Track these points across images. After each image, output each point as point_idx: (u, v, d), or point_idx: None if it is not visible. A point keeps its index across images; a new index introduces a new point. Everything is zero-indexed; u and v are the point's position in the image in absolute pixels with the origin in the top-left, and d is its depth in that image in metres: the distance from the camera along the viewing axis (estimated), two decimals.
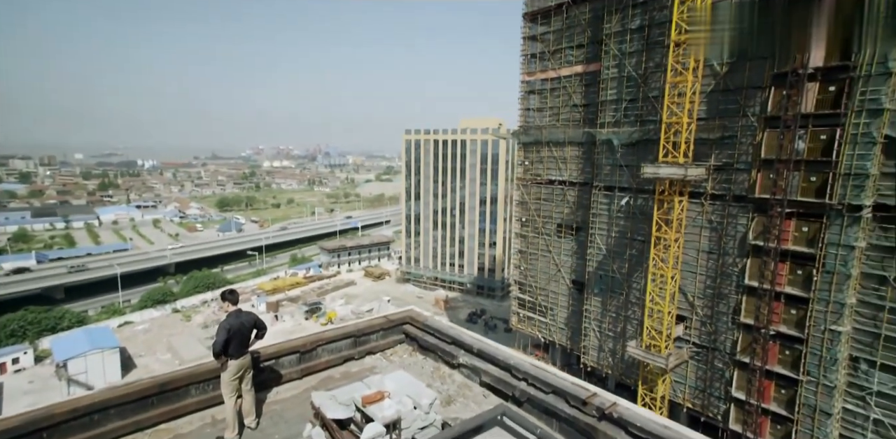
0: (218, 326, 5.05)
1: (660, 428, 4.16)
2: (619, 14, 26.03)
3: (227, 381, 5.01)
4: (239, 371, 5.09)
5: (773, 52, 20.67)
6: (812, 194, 21.28)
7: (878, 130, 19.14)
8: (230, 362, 5.03)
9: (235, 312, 5.25)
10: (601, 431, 4.42)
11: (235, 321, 5.12)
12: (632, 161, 27.37)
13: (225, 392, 5.01)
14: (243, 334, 5.15)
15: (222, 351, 4.97)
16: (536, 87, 33.50)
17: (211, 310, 68.49)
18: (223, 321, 5.09)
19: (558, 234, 35.11)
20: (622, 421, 4.33)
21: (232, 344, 5.01)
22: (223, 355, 5.00)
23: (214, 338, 5.00)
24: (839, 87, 19.85)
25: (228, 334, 4.96)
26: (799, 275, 22.72)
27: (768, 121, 21.49)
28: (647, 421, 4.24)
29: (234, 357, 5.06)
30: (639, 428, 4.21)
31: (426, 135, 73.99)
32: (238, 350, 5.08)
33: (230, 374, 5.02)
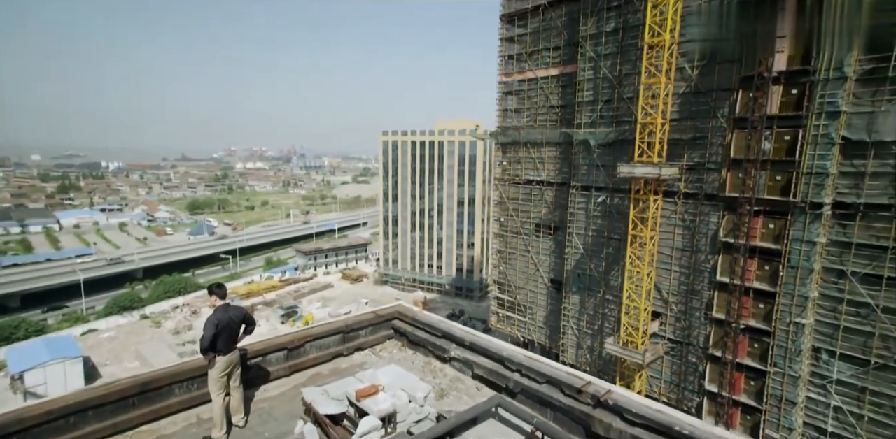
0: (205, 321, 4.86)
1: (653, 413, 4.22)
2: (594, 17, 26.56)
3: (215, 378, 4.83)
4: (227, 367, 4.91)
5: (740, 56, 21.48)
6: (778, 192, 22.11)
7: (835, 132, 20.02)
8: (218, 358, 4.85)
9: (223, 306, 5.07)
10: (597, 418, 4.46)
11: (224, 315, 4.93)
12: (608, 161, 27.92)
13: (212, 389, 4.82)
14: (232, 329, 4.97)
15: (210, 346, 4.78)
16: (514, 87, 33.83)
17: (182, 315, 66.40)
18: (210, 316, 4.91)
19: (537, 234, 35.47)
20: (617, 408, 4.38)
21: (220, 340, 4.83)
22: (211, 351, 4.81)
23: (203, 333, 4.80)
24: (801, 90, 20.71)
25: (216, 329, 4.78)
26: (766, 270, 23.56)
27: (737, 123, 22.26)
28: (641, 407, 4.30)
29: (223, 353, 4.88)
30: (634, 414, 4.26)
31: (403, 136, 73.79)
32: (226, 345, 4.90)
33: (218, 371, 4.84)
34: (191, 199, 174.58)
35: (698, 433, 3.94)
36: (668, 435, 4.04)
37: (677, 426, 4.03)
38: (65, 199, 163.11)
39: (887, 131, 18.93)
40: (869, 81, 19.15)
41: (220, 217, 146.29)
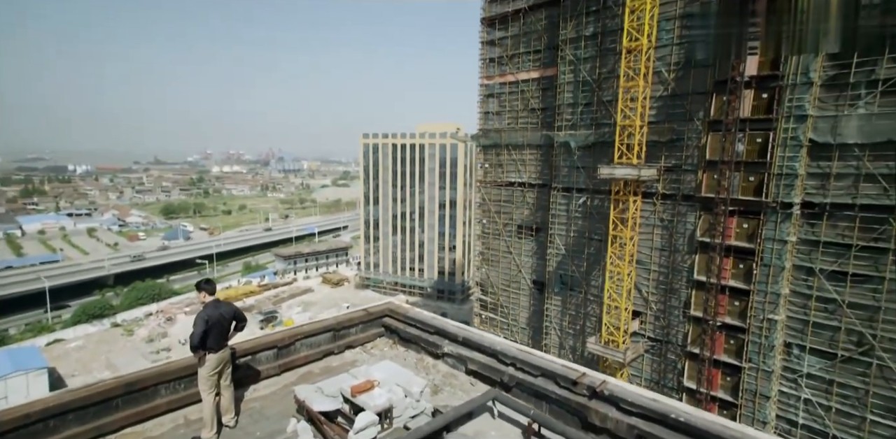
0: (195, 317, 4.70)
1: (649, 402, 4.27)
2: (573, 21, 27.03)
3: (206, 377, 4.67)
4: (218, 365, 4.76)
5: (714, 61, 22.15)
6: (751, 193, 22.81)
7: (803, 134, 20.78)
8: (209, 356, 4.69)
9: (213, 303, 4.92)
10: (593, 409, 4.49)
11: (214, 312, 4.79)
12: (588, 163, 28.36)
13: (202, 388, 4.67)
14: (222, 326, 4.83)
15: (200, 344, 4.63)
16: (495, 90, 34.10)
17: (156, 322, 64.43)
18: (200, 312, 4.75)
19: (518, 235, 35.72)
20: (613, 398, 4.42)
21: (210, 337, 4.69)
22: (201, 349, 4.66)
23: (192, 330, 4.65)
24: (770, 94, 21.47)
25: (207, 325, 4.63)
26: (741, 268, 24.24)
27: (711, 125, 22.91)
28: (637, 397, 4.35)
29: (213, 350, 4.73)
30: (629, 403, 4.31)
31: (384, 139, 73.54)
32: (217, 343, 4.76)
33: (208, 369, 4.69)
34: (165, 204, 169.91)
35: (693, 420, 4.00)
36: (664, 422, 4.10)
37: (673, 414, 4.09)
38: (28, 204, 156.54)
39: (849, 134, 19.74)
40: (832, 87, 19.97)
41: (196, 221, 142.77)
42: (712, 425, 3.93)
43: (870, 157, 19.57)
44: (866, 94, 19.24)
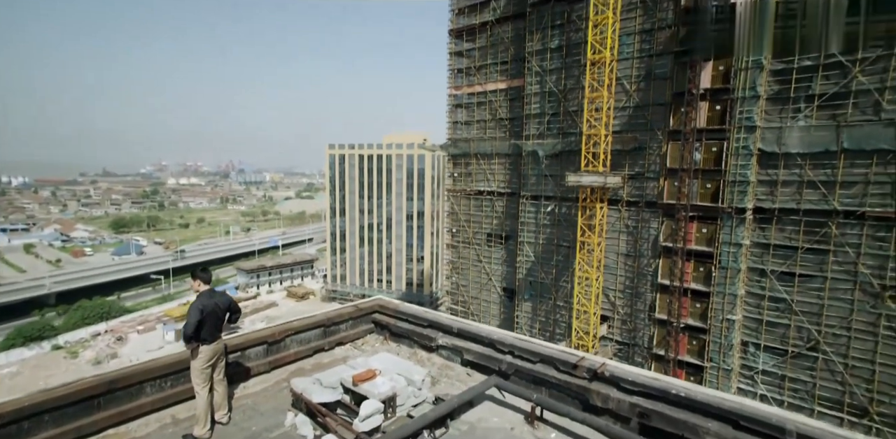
0: (189, 307, 4.46)
1: (649, 380, 4.38)
2: (539, 34, 27.99)
3: (199, 370, 4.42)
4: (212, 358, 4.52)
5: (672, 74, 23.43)
6: (708, 199, 24.03)
7: (753, 144, 22.18)
8: (202, 348, 4.45)
9: (208, 292, 4.69)
10: (594, 391, 4.55)
11: (209, 301, 4.56)
12: (556, 171, 29.11)
13: (196, 382, 4.41)
14: (217, 316, 4.60)
15: (194, 335, 4.38)
16: (463, 100, 34.63)
17: (105, 342, 60.31)
18: (195, 301, 4.51)
19: (488, 244, 36.02)
20: (614, 379, 4.50)
21: (204, 328, 4.45)
22: (194, 340, 4.41)
23: (186, 320, 4.40)
24: (723, 106, 22.86)
25: (202, 315, 4.39)
26: (701, 271, 25.34)
27: (671, 135, 24.10)
28: (636, 376, 4.45)
29: (207, 342, 4.49)
30: (630, 383, 4.40)
31: (351, 149, 73.00)
32: (211, 334, 4.52)
33: (202, 362, 4.44)
34: (115, 217, 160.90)
35: (693, 394, 4.13)
36: (665, 399, 4.21)
37: (673, 389, 4.21)
38: None
39: (792, 144, 21.25)
40: (776, 100, 21.50)
41: (149, 235, 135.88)
42: (711, 398, 4.07)
43: (810, 166, 21.09)
44: (805, 107, 20.81)
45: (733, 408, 3.90)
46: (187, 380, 4.68)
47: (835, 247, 21.03)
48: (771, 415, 3.77)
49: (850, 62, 19.57)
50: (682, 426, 4.02)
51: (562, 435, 4.34)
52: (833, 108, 20.22)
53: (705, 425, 3.92)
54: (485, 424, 4.52)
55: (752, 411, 3.85)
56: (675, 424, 4.06)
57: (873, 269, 20.24)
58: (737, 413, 3.85)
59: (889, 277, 19.90)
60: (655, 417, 4.16)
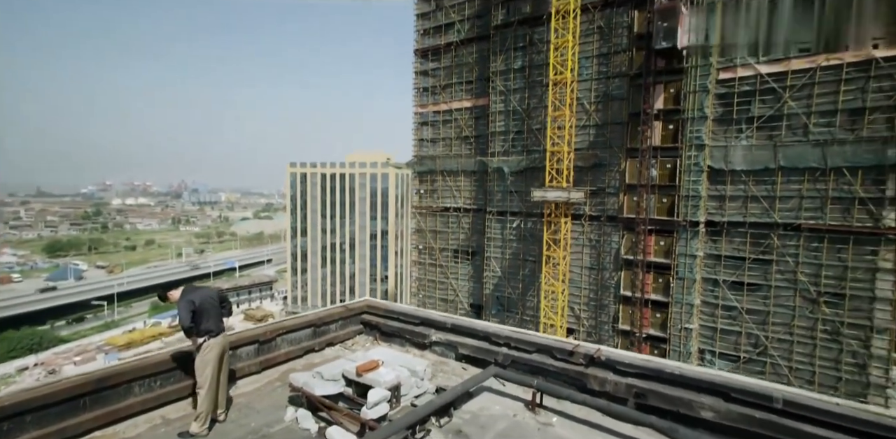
0: (178, 305, 4.25)
1: (643, 362, 4.58)
2: (502, 55, 29.19)
3: (208, 364, 4.19)
4: (221, 351, 4.32)
5: (628, 95, 24.94)
6: (665, 213, 25.35)
7: (703, 161, 23.76)
8: (210, 341, 4.24)
9: (189, 288, 4.49)
10: (591, 375, 4.70)
11: (196, 294, 4.35)
12: (521, 187, 29.90)
13: (204, 377, 4.17)
14: (213, 306, 4.41)
15: (195, 325, 4.18)
16: (429, 118, 35.24)
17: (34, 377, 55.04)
18: (182, 298, 4.29)
19: (455, 260, 36.14)
20: (609, 363, 4.68)
21: (207, 320, 4.25)
22: (196, 331, 4.20)
23: (179, 317, 4.19)
24: (675, 126, 24.48)
25: (193, 306, 4.19)
26: (660, 282, 26.45)
27: (629, 152, 25.44)
28: (632, 359, 4.65)
29: (214, 334, 4.29)
30: (626, 365, 4.58)
31: (313, 168, 72.09)
32: (216, 326, 4.32)
33: (212, 355, 4.22)
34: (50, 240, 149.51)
35: (685, 372, 4.36)
36: (659, 378, 4.41)
37: (667, 369, 4.42)
38: None
39: (737, 162, 22.95)
40: (722, 121, 23.26)
41: (91, 259, 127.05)
42: (703, 375, 4.31)
43: (753, 182, 22.79)
44: (746, 128, 22.62)
45: (724, 382, 4.14)
46: (178, 380, 4.46)
47: (777, 257, 22.61)
48: (758, 386, 4.04)
49: (781, 88, 21.56)
50: (677, 402, 4.22)
51: (563, 420, 4.43)
52: (770, 129, 22.09)
53: (699, 400, 4.14)
54: (487, 412, 4.55)
55: (741, 384, 4.10)
56: (670, 401, 4.25)
57: (810, 277, 21.86)
58: (727, 386, 4.09)
59: (823, 284, 21.56)
60: (651, 396, 4.35)
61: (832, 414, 3.63)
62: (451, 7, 32.37)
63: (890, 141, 19.68)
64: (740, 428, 3.90)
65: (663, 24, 21.40)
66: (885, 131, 19.83)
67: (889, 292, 20.52)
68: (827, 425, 3.62)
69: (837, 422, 3.59)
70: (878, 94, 19.85)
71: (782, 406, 3.81)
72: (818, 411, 3.68)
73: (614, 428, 4.24)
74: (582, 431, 4.24)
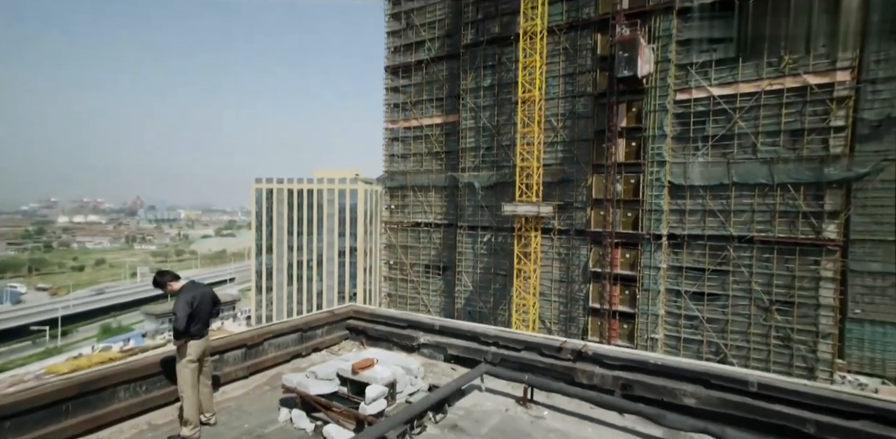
0: (176, 301, 4.15)
1: (628, 355, 4.80)
2: (472, 73, 30.05)
3: (186, 367, 4.08)
4: (199, 354, 4.20)
5: (593, 113, 26.11)
6: (630, 227, 26.34)
7: (664, 177, 25.01)
8: (190, 343, 4.13)
9: (190, 284, 4.41)
10: (579, 369, 4.86)
11: (197, 292, 4.28)
12: (491, 202, 30.42)
13: (184, 381, 4.05)
14: (206, 308, 4.32)
15: (186, 330, 4.07)
16: (400, 134, 35.56)
17: None
18: (182, 294, 4.20)
19: (426, 275, 36.05)
20: (596, 357, 4.86)
21: (197, 322, 4.16)
22: (188, 334, 4.09)
23: (174, 315, 4.08)
24: (638, 143, 25.74)
25: (192, 308, 4.11)
26: (627, 294, 27.25)
27: (595, 168, 26.46)
28: (617, 353, 4.86)
29: (196, 337, 4.18)
30: (612, 358, 4.79)
31: (279, 184, 70.75)
32: (200, 329, 4.22)
33: (190, 358, 4.11)
34: None
35: (667, 362, 4.60)
36: (644, 369, 4.63)
37: (651, 360, 4.66)
38: None
39: (695, 178, 24.28)
40: (680, 139, 24.65)
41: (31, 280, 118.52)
42: (684, 364, 4.56)
43: (710, 197, 24.12)
44: (702, 146, 24.05)
45: (704, 370, 4.41)
46: (164, 384, 4.31)
47: (733, 268, 23.83)
48: (734, 373, 4.32)
49: (731, 109, 23.15)
50: (661, 391, 4.43)
51: (554, 413, 4.56)
52: (723, 147, 23.58)
53: (681, 388, 4.37)
54: (480, 408, 4.62)
55: (719, 371, 4.38)
56: (655, 390, 4.47)
57: (763, 286, 23.14)
58: (707, 373, 4.35)
59: (774, 293, 22.86)
60: (637, 386, 4.55)
61: (800, 394, 3.93)
62: (421, 26, 33.20)
63: (826, 160, 21.41)
64: (721, 412, 4.14)
65: (624, 54, 22.71)
66: (821, 151, 21.57)
67: (831, 299, 21.97)
68: (796, 404, 3.92)
69: (805, 401, 3.89)
70: (813, 116, 21.65)
71: (757, 389, 4.09)
72: (789, 392, 3.98)
73: (603, 418, 4.40)
74: (573, 422, 4.37)
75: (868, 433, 3.52)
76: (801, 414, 3.84)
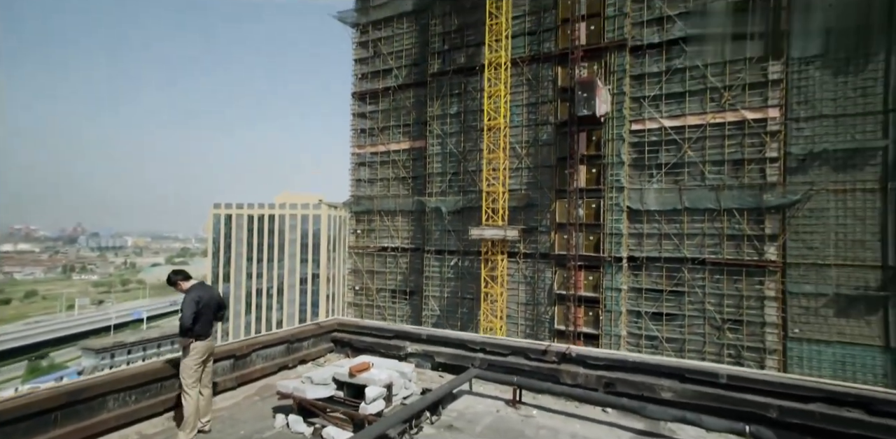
0: (184, 300, 4.12)
1: (609, 355, 5.11)
2: (439, 101, 31.06)
3: (192, 367, 4.02)
4: (204, 355, 4.15)
5: (555, 140, 27.45)
6: (592, 249, 27.31)
7: (623, 202, 26.36)
8: (196, 344, 4.08)
9: (199, 284, 4.40)
10: (564, 371, 5.11)
11: (205, 293, 4.28)
12: (458, 226, 30.86)
13: (187, 383, 3.99)
14: (211, 310, 4.31)
15: (192, 327, 4.03)
16: (367, 159, 35.83)
17: None
18: (190, 293, 4.18)
19: (392, 300, 35.63)
20: (580, 358, 5.14)
21: (203, 322, 4.13)
22: (193, 334, 4.05)
23: (181, 313, 4.05)
24: (598, 169, 27.14)
25: (198, 307, 4.10)
26: (591, 316, 27.93)
27: (558, 193, 27.55)
28: (599, 353, 5.17)
29: (202, 338, 4.14)
30: (594, 359, 5.08)
31: (239, 209, 68.85)
32: (205, 330, 4.20)
33: (195, 359, 4.05)
34: None
35: (645, 360, 4.94)
36: (624, 368, 4.94)
37: (630, 359, 4.98)
38: None
39: (651, 203, 25.72)
40: (636, 166, 26.20)
41: None
42: (660, 361, 4.91)
43: (665, 221, 25.53)
44: (656, 173, 25.66)
45: (678, 366, 4.77)
46: (154, 394, 4.20)
47: (688, 289, 25.02)
48: (706, 367, 4.70)
49: (681, 140, 24.99)
50: (641, 387, 4.74)
51: (542, 412, 4.76)
52: (675, 174, 25.23)
53: (659, 383, 4.69)
54: (472, 410, 4.75)
55: (692, 366, 4.75)
56: (635, 386, 4.77)
57: (715, 306, 24.36)
58: (681, 368, 4.71)
59: (726, 312, 24.12)
60: (619, 384, 4.84)
61: (764, 383, 4.34)
62: (388, 54, 34.24)
63: (764, 187, 23.35)
64: (695, 403, 4.48)
65: (584, 94, 24.32)
66: (759, 179, 23.51)
67: (775, 317, 23.41)
68: (761, 392, 4.32)
69: (768, 389, 4.30)
70: (751, 148, 23.70)
71: (727, 381, 4.48)
72: (754, 381, 4.38)
73: (589, 415, 4.63)
74: (561, 420, 4.58)
75: (821, 413, 3.95)
76: (766, 401, 4.24)
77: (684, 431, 4.31)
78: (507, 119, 26.77)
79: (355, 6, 36.74)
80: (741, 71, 23.85)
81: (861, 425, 3.75)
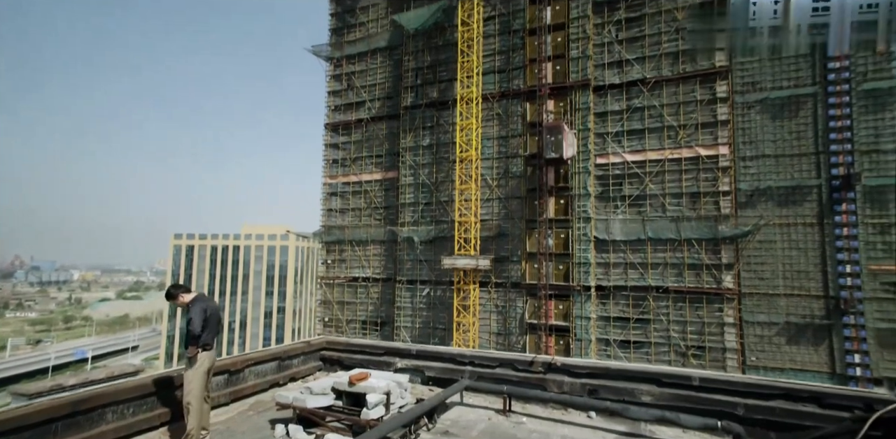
0: (192, 309, 4.16)
1: (592, 364, 5.45)
2: (411, 133, 31.97)
3: (200, 378, 4.02)
4: (211, 365, 4.17)
5: (524, 173, 28.58)
6: (561, 279, 27.96)
7: (590, 232, 27.41)
8: (203, 354, 4.10)
9: (201, 295, 4.45)
10: (550, 380, 5.38)
11: (210, 304, 4.33)
12: (430, 256, 31.05)
13: (195, 393, 3.98)
14: (216, 321, 4.35)
15: (199, 337, 4.06)
16: (339, 189, 35.94)
17: None
18: (197, 303, 4.23)
19: (363, 331, 34.85)
20: (565, 368, 5.44)
21: (209, 332, 4.18)
22: (200, 344, 4.07)
23: (191, 320, 4.08)
24: (566, 200, 28.27)
25: (206, 314, 4.15)
26: (561, 344, 28.19)
27: (528, 224, 28.40)
28: (583, 363, 5.49)
29: (209, 348, 4.17)
30: (579, 368, 5.39)
31: (202, 240, 66.68)
32: (212, 339, 4.23)
33: (203, 369, 4.06)
34: None
35: (626, 367, 5.30)
36: (607, 375, 5.28)
37: (612, 367, 5.33)
38: None
39: (616, 233, 26.89)
40: (602, 198, 27.50)
41: None
42: (640, 368, 5.29)
43: (630, 250, 26.63)
44: (621, 204, 27.01)
45: (656, 371, 5.15)
46: (151, 408, 4.17)
47: (653, 316, 25.84)
48: (680, 372, 5.10)
49: (642, 173, 26.59)
50: (623, 392, 5.07)
51: (532, 419, 4.98)
52: (638, 206, 26.62)
53: (639, 388, 5.04)
54: (465, 418, 4.92)
55: (668, 371, 5.14)
56: (617, 392, 5.09)
57: (679, 333, 25.19)
58: (659, 373, 5.09)
59: (689, 339, 24.96)
60: (602, 390, 5.15)
61: (732, 383, 4.77)
62: (362, 87, 35.27)
63: (719, 219, 24.96)
64: (672, 405, 4.83)
65: (551, 138, 25.80)
66: (714, 211, 25.14)
67: (734, 342, 24.40)
68: (729, 392, 4.74)
69: (735, 389, 4.73)
70: (706, 182, 25.46)
71: (699, 383, 4.88)
72: (723, 382, 4.81)
73: (576, 420, 4.89)
74: (550, 425, 4.81)
75: (781, 408, 4.39)
76: (733, 400, 4.65)
77: (663, 432, 4.64)
78: (478, 151, 27.83)
79: (329, 41, 38.01)
80: (693, 111, 25.93)
81: (815, 417, 4.20)
